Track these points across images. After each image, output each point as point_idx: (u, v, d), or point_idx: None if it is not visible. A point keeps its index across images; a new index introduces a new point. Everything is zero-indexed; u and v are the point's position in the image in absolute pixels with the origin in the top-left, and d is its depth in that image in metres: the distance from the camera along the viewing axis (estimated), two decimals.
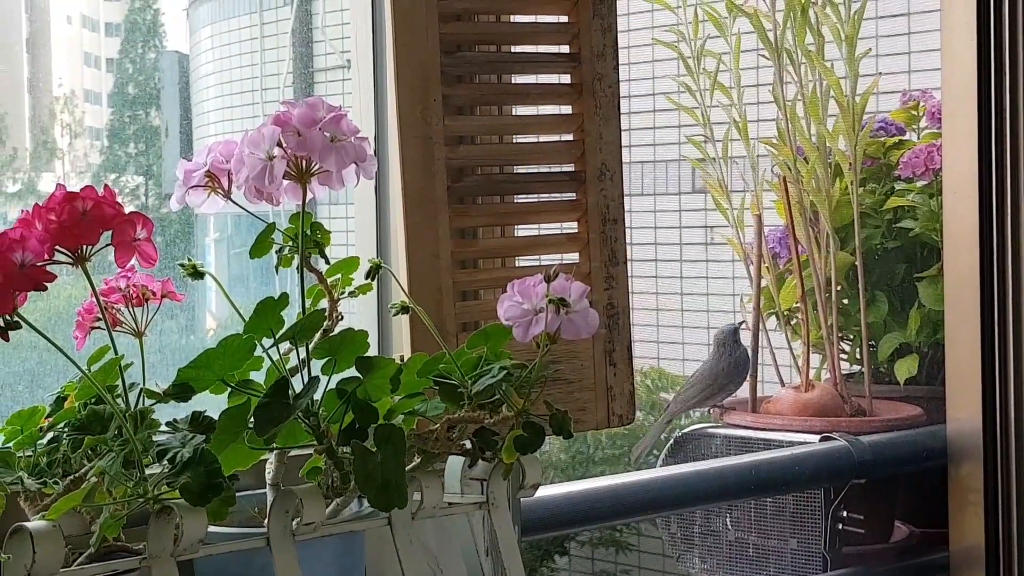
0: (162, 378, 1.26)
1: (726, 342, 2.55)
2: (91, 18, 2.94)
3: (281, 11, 3.37)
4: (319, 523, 1.27)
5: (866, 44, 2.63)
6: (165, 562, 1.18)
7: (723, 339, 2.56)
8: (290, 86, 3.06)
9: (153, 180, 2.75)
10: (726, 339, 2.55)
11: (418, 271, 1.59)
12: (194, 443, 1.18)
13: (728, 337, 2.56)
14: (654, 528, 3.28)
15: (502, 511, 1.42)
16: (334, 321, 1.35)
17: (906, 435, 2.44)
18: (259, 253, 1.33)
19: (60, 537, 1.13)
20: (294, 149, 1.26)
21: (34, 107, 2.62)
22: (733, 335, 2.56)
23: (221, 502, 1.17)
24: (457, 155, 1.63)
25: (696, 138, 2.72)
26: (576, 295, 1.32)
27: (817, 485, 2.33)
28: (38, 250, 1.13)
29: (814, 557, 2.35)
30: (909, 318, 2.58)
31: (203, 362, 1.23)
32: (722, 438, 2.50)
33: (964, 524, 2.33)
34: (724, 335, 2.56)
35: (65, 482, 1.23)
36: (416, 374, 1.34)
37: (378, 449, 1.23)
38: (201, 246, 2.77)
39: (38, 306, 1.32)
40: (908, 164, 2.58)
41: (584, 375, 1.69)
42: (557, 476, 3.69)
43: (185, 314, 2.26)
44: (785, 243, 2.64)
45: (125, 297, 1.32)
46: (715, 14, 2.65)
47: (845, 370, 2.64)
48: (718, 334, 2.57)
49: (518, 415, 1.33)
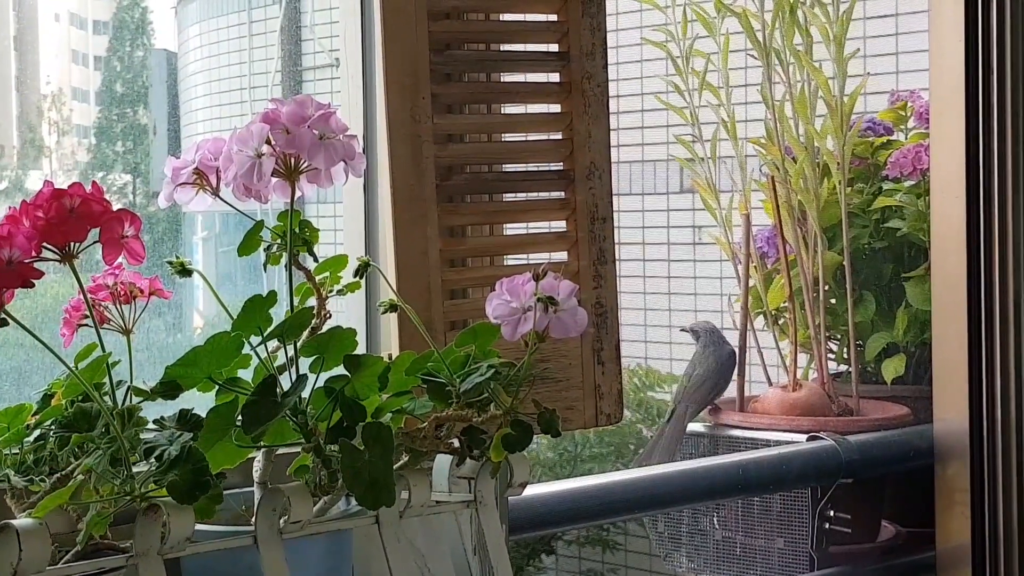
0: (149, 376, 1.25)
1: (712, 338, 2.56)
2: (79, 16, 2.94)
3: (270, 9, 3.36)
4: (307, 521, 1.27)
5: (854, 44, 2.63)
6: (152, 560, 1.17)
7: (708, 335, 2.56)
8: (279, 84, 3.06)
9: (141, 178, 2.74)
10: (711, 334, 2.56)
11: (406, 269, 1.59)
12: (181, 441, 1.18)
13: (712, 333, 2.57)
14: (641, 527, 3.28)
15: (490, 509, 1.42)
16: (322, 319, 1.35)
17: (893, 435, 2.45)
18: (247, 251, 1.32)
19: (47, 535, 1.13)
20: (283, 147, 1.26)
21: (21, 105, 2.62)
22: (714, 331, 2.58)
23: (208, 500, 1.17)
24: (446, 153, 1.63)
25: (684, 138, 2.72)
26: (564, 294, 1.32)
27: (804, 484, 2.33)
28: (25, 247, 1.13)
29: (801, 556, 2.35)
30: (896, 318, 2.59)
31: (191, 360, 1.22)
32: (709, 437, 2.51)
33: (951, 523, 2.33)
34: (707, 331, 2.57)
35: (52, 480, 1.22)
36: (404, 372, 1.34)
37: (366, 447, 1.23)
38: (189, 244, 2.76)
39: (25, 303, 1.32)
40: (896, 164, 2.59)
41: (572, 374, 1.69)
42: (545, 474, 3.69)
43: (173, 312, 2.25)
44: (773, 243, 2.64)
45: (113, 294, 1.31)
46: (704, 14, 2.65)
47: (832, 370, 2.65)
48: (702, 332, 2.58)
49: (506, 413, 1.33)
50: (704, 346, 2.55)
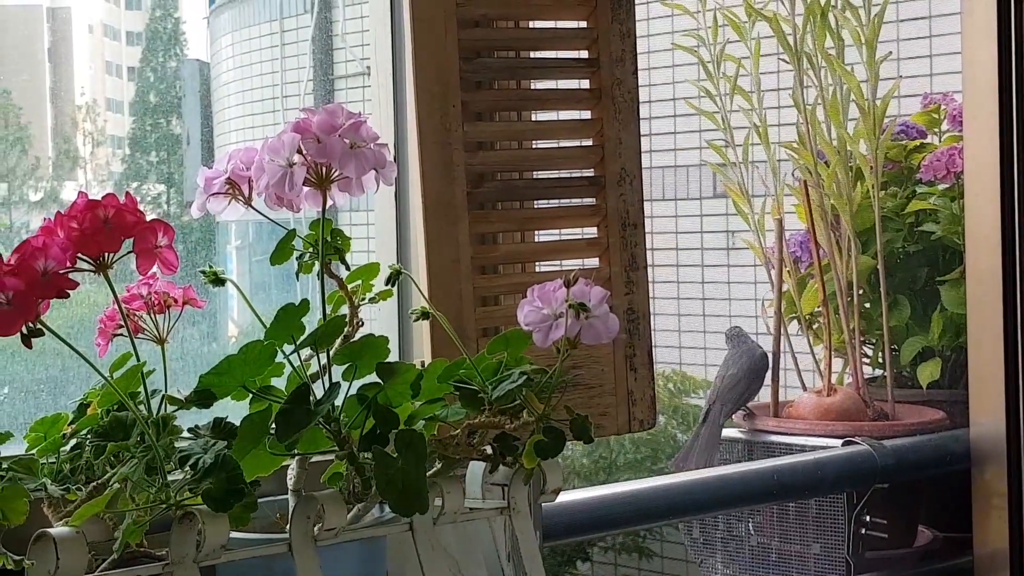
0: (184, 385, 1.26)
1: (742, 339, 2.56)
2: (112, 27, 2.96)
3: (301, 19, 3.38)
4: (341, 529, 1.27)
5: (886, 47, 2.62)
6: (187, 568, 1.18)
7: (738, 338, 2.56)
8: (310, 93, 3.07)
9: (174, 188, 2.76)
10: (740, 337, 2.56)
11: (438, 277, 1.59)
12: (216, 449, 1.18)
13: (741, 336, 2.56)
14: (676, 533, 3.27)
15: (523, 516, 1.42)
16: (354, 327, 1.35)
17: (929, 439, 2.43)
18: (280, 260, 1.33)
19: (83, 543, 1.13)
20: (314, 156, 1.26)
21: (56, 116, 2.64)
22: (742, 334, 2.57)
23: (243, 508, 1.18)
24: (476, 161, 1.63)
25: (716, 143, 2.71)
26: (596, 300, 1.32)
27: (840, 490, 2.32)
28: (60, 258, 1.14)
29: (837, 562, 2.34)
30: (931, 322, 2.57)
31: (224, 368, 1.23)
32: (744, 443, 2.50)
33: (988, 528, 2.32)
34: (736, 335, 2.57)
35: (88, 488, 1.23)
36: (436, 379, 1.34)
37: (399, 455, 1.23)
38: (222, 253, 2.78)
39: (61, 313, 1.33)
40: (929, 167, 2.58)
41: (605, 380, 1.69)
42: (580, 483, 3.69)
43: (207, 321, 2.27)
44: (806, 247, 2.63)
45: (147, 304, 1.32)
46: (734, 18, 2.65)
47: (867, 374, 2.63)
48: (733, 336, 2.58)
49: (539, 420, 1.33)
50: (735, 347, 2.55)
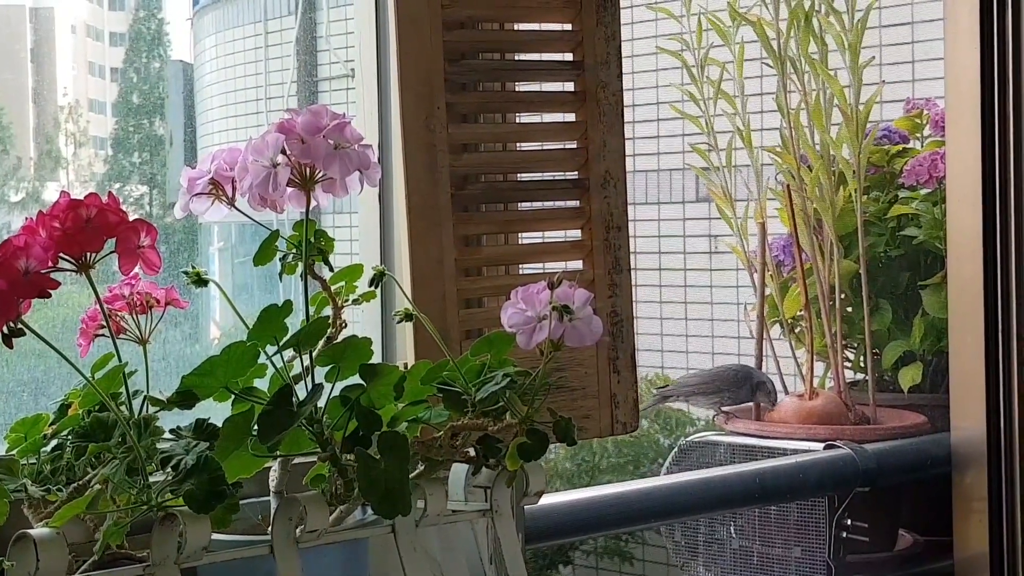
0: (166, 386, 1.26)
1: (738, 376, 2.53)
2: (95, 28, 2.95)
3: (285, 20, 3.37)
4: (323, 530, 1.27)
5: (870, 53, 2.63)
6: (169, 570, 1.18)
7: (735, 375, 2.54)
8: (294, 95, 3.07)
9: (157, 189, 2.75)
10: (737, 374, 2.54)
11: (422, 279, 1.59)
12: (198, 450, 1.18)
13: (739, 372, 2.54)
14: (658, 537, 3.27)
15: (506, 519, 1.42)
16: (338, 328, 1.35)
17: (910, 443, 2.44)
18: (263, 261, 1.33)
19: (64, 544, 1.13)
20: (298, 156, 1.26)
21: (38, 116, 2.63)
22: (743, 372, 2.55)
23: (225, 509, 1.18)
24: (461, 163, 1.63)
25: (700, 146, 2.72)
26: (580, 302, 1.32)
27: (821, 493, 2.33)
28: (42, 257, 1.14)
29: (818, 565, 2.34)
30: (913, 326, 2.58)
31: (207, 369, 1.23)
32: (726, 446, 2.50)
33: (968, 532, 2.33)
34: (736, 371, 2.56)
35: (69, 489, 1.23)
36: (420, 381, 1.34)
37: (382, 456, 1.23)
38: (205, 255, 2.77)
39: (42, 314, 1.32)
40: (912, 172, 2.58)
41: (588, 383, 1.69)
42: (563, 485, 3.69)
43: (189, 322, 2.26)
44: (789, 251, 2.64)
45: (129, 304, 1.32)
46: (719, 23, 2.65)
47: (849, 378, 2.64)
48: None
49: (522, 422, 1.33)
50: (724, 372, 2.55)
